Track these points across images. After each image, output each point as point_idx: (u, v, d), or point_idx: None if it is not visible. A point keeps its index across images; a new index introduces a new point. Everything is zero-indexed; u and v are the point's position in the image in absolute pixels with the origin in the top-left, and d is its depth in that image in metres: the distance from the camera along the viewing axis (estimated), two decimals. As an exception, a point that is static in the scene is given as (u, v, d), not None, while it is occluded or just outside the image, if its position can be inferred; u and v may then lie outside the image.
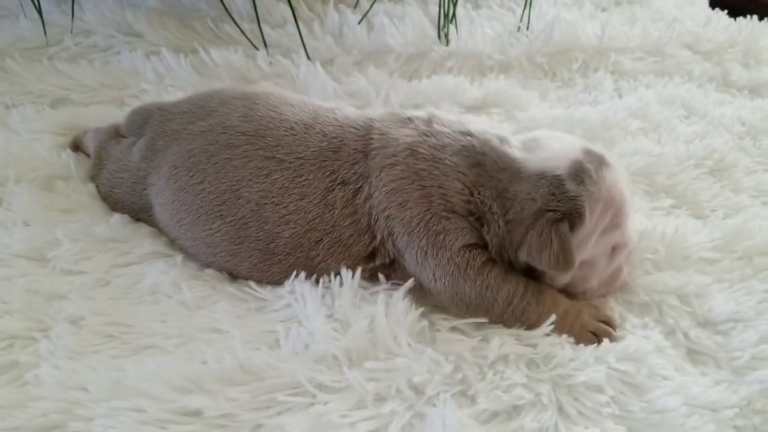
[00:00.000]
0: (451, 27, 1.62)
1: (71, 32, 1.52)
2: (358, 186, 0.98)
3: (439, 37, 1.61)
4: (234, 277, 1.03)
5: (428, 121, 1.01)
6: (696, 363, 0.95)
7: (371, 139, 1.00)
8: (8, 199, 1.12)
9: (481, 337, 0.94)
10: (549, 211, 0.92)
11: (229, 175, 0.99)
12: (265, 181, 0.98)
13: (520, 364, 0.91)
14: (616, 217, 0.95)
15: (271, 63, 1.50)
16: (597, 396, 0.87)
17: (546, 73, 1.63)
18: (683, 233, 1.11)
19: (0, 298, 0.95)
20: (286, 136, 1.00)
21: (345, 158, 0.99)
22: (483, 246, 0.96)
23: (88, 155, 1.23)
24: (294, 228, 0.98)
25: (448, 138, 0.98)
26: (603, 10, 1.86)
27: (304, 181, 0.98)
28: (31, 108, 1.35)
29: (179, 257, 1.04)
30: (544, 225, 0.92)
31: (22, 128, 1.28)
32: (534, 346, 0.93)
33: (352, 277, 0.97)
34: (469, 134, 0.99)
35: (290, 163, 0.99)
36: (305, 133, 1.00)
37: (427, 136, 0.99)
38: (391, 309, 0.94)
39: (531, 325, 0.95)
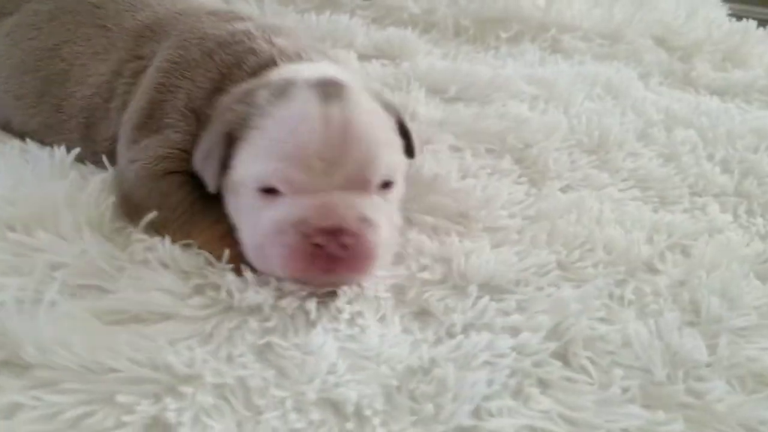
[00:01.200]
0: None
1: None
2: (149, 64, 0.92)
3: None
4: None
5: (252, 24, 0.92)
6: (420, 321, 0.77)
7: (179, 23, 0.94)
8: None
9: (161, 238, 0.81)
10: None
11: (58, 36, 0.99)
12: (84, 45, 0.97)
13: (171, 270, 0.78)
14: (274, 148, 0.75)
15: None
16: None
17: (473, 38, 1.47)
18: (494, 195, 0.95)
19: None
20: (125, 11, 0.98)
21: (153, 37, 0.94)
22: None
23: None
24: (85, 90, 0.94)
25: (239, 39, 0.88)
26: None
27: (113, 49, 0.95)
28: None
29: None
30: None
31: None
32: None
33: (68, 152, 0.91)
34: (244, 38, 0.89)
35: (113, 32, 0.97)
36: (141, 10, 0.98)
37: (230, 34, 0.90)
38: (82, 190, 0.85)
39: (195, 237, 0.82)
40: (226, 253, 0.78)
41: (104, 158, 0.90)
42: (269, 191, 0.75)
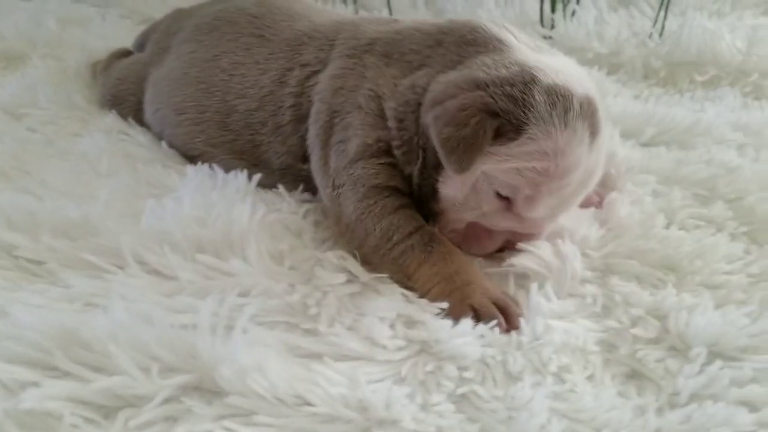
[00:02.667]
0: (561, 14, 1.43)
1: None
2: (315, 70, 0.90)
3: (541, 21, 1.43)
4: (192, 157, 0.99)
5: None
6: (634, 384, 0.68)
7: (343, 30, 0.92)
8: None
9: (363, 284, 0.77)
10: (490, 98, 0.73)
11: (218, 47, 0.99)
12: (243, 54, 0.96)
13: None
14: (539, 173, 0.75)
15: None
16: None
17: (664, 81, 1.37)
18: (709, 246, 0.84)
19: None
20: (282, 21, 0.98)
21: (315, 44, 0.92)
22: (395, 170, 0.81)
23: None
24: (247, 103, 0.93)
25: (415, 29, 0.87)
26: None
27: (273, 58, 0.94)
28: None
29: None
30: (473, 103, 0.72)
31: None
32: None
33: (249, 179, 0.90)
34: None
35: (271, 42, 0.95)
36: (298, 20, 0.97)
37: (398, 34, 0.87)
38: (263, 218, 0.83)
39: (409, 274, 0.76)
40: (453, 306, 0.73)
41: (281, 188, 0.90)
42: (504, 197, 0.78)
